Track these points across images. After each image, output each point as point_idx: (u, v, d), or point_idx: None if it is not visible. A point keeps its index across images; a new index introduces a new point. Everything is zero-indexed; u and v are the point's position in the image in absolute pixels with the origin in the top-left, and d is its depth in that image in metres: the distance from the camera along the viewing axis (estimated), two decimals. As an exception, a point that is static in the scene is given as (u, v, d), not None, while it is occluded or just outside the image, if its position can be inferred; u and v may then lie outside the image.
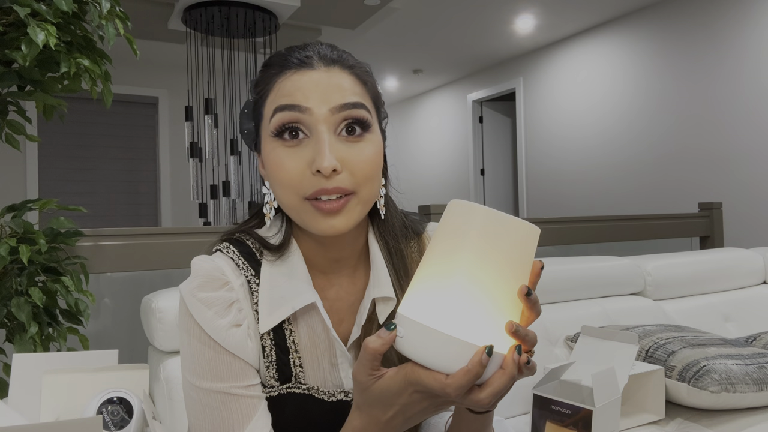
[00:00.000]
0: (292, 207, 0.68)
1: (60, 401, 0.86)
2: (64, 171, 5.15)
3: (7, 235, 1.37)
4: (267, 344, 0.72)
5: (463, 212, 0.56)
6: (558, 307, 1.77)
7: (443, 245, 0.56)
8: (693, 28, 4.08)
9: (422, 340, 0.54)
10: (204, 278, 0.70)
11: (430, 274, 0.56)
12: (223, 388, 0.68)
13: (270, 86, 0.70)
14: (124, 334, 1.81)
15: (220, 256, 0.74)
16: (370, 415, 0.61)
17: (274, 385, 0.72)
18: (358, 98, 0.68)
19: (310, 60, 0.69)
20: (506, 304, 0.55)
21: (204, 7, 3.60)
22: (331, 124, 0.67)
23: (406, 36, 4.94)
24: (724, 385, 1.32)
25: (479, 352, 0.53)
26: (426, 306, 0.55)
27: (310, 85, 0.67)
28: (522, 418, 1.48)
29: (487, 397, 0.55)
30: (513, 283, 0.55)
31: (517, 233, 0.55)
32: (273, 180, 0.69)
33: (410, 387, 0.56)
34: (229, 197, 3.88)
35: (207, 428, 0.69)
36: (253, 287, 0.72)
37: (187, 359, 0.70)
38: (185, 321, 0.70)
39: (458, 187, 6.41)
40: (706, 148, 4.01)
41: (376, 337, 0.57)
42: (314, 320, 0.73)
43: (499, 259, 0.54)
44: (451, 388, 0.53)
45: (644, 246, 3.03)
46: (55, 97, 1.43)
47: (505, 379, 0.55)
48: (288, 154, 0.67)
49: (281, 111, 0.67)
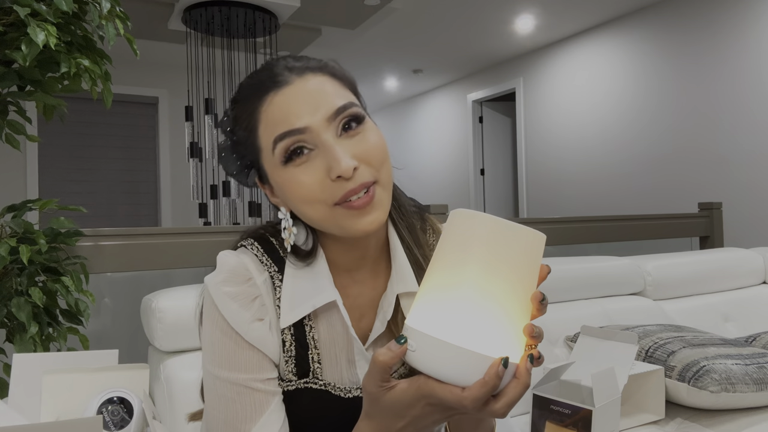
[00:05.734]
0: (324, 218, 0.69)
1: (60, 401, 0.86)
2: (64, 171, 5.15)
3: (7, 235, 1.37)
4: (287, 339, 0.73)
5: (467, 222, 0.56)
6: (558, 307, 1.77)
7: (450, 256, 0.56)
8: (693, 28, 4.08)
9: (435, 354, 0.54)
10: (229, 273, 0.72)
11: (437, 285, 0.56)
12: (240, 379, 0.70)
13: (256, 118, 0.70)
14: (124, 334, 1.81)
15: (244, 252, 0.75)
16: (380, 425, 0.61)
17: (292, 379, 0.74)
18: (343, 98, 0.69)
19: (282, 76, 0.69)
20: (516, 313, 0.55)
21: (204, 7, 3.60)
22: (332, 131, 0.68)
23: (406, 36, 4.94)
24: (724, 385, 1.32)
25: (495, 364, 0.53)
26: (436, 318, 0.55)
27: (295, 102, 0.67)
28: (522, 418, 1.48)
29: (503, 408, 0.55)
30: (521, 292, 0.55)
31: (523, 241, 0.55)
32: (294, 200, 0.69)
33: (423, 400, 0.57)
34: (229, 197, 3.89)
35: (220, 417, 0.71)
36: (276, 283, 0.74)
37: (208, 348, 0.72)
38: (210, 311, 0.72)
39: (458, 187, 6.41)
40: (706, 148, 4.01)
41: (386, 350, 0.57)
42: (334, 318, 0.75)
43: (507, 269, 0.54)
44: (468, 400, 0.54)
45: (644, 246, 3.03)
46: (55, 97, 1.43)
47: (520, 389, 0.56)
48: (301, 171, 0.67)
49: (282, 140, 0.67)
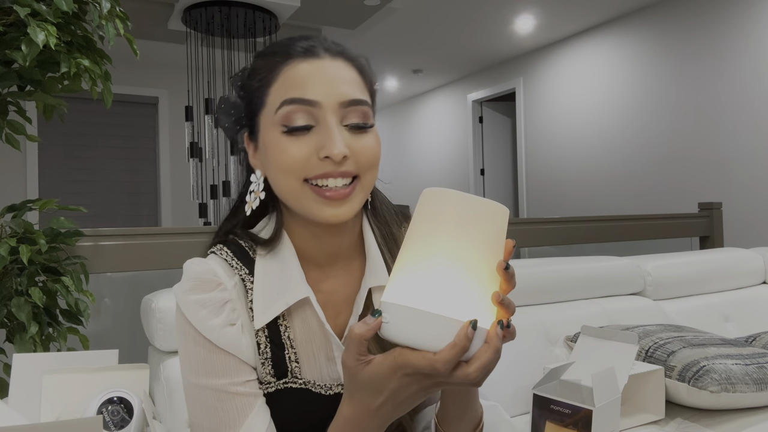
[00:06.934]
0: (291, 192, 0.69)
1: (60, 401, 0.86)
2: (64, 171, 5.14)
3: (7, 235, 1.37)
4: (262, 341, 0.73)
5: (437, 198, 0.58)
6: (558, 307, 1.77)
7: (421, 230, 0.58)
8: (693, 28, 4.08)
9: (408, 323, 0.56)
10: (195, 281, 0.72)
11: (410, 258, 0.58)
12: (219, 385, 0.70)
13: (274, 74, 0.70)
14: (124, 334, 1.81)
15: (214, 258, 0.75)
16: (360, 403, 0.61)
17: (271, 381, 0.73)
18: (362, 94, 0.70)
19: (316, 49, 0.70)
20: (486, 280, 0.57)
21: (204, 7, 3.60)
22: (339, 116, 0.68)
23: (406, 36, 4.94)
24: (724, 385, 1.32)
25: (464, 327, 0.54)
26: (409, 289, 0.56)
27: (317, 76, 0.68)
28: (522, 418, 1.48)
29: (475, 372, 0.56)
30: (491, 260, 0.57)
31: (490, 214, 0.57)
32: (272, 166, 0.69)
33: (399, 371, 0.57)
34: (229, 197, 3.89)
35: (205, 425, 0.70)
36: (247, 285, 0.73)
37: (184, 358, 0.72)
38: (180, 321, 0.72)
39: (458, 187, 6.34)
40: (706, 148, 4.01)
41: (362, 323, 0.58)
42: (308, 315, 0.74)
43: (476, 238, 0.57)
44: (440, 363, 0.54)
45: (644, 246, 3.03)
46: (55, 97, 1.43)
47: (490, 353, 0.56)
48: (293, 142, 0.68)
49: (290, 104, 0.67)
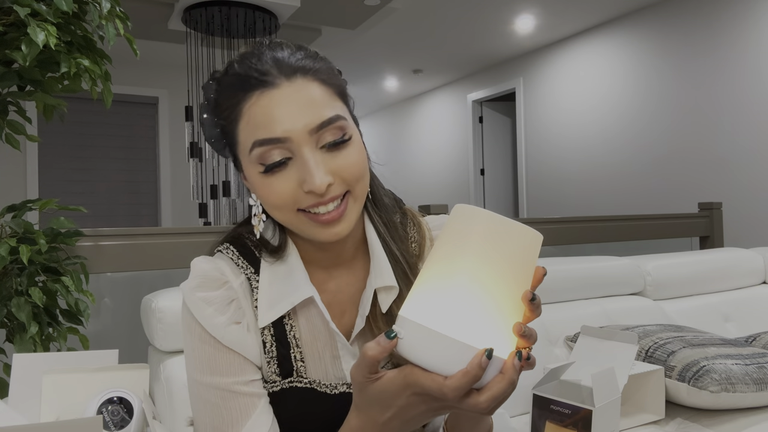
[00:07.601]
0: (287, 222, 0.70)
1: (60, 401, 0.86)
2: (64, 171, 5.14)
3: (7, 235, 1.37)
4: (267, 340, 0.73)
5: (466, 216, 0.56)
6: (558, 307, 1.77)
7: (446, 248, 0.56)
8: (693, 28, 4.08)
9: (421, 342, 0.54)
10: (202, 278, 0.72)
11: (432, 275, 0.56)
12: (223, 384, 0.70)
13: (237, 112, 0.67)
14: (124, 334, 1.81)
15: (220, 257, 0.75)
16: (367, 416, 0.61)
17: (276, 380, 0.73)
18: (331, 110, 0.67)
19: (271, 77, 0.66)
20: (508, 307, 0.54)
21: (204, 7, 3.59)
22: (312, 143, 0.66)
23: (406, 36, 4.94)
24: (724, 385, 1.32)
25: (479, 355, 0.52)
26: (427, 307, 0.54)
27: (279, 109, 0.65)
28: (522, 418, 1.48)
29: (486, 402, 0.54)
30: (515, 287, 0.55)
31: (519, 238, 0.55)
32: (263, 201, 0.70)
33: (408, 389, 0.56)
34: (229, 197, 3.88)
35: (208, 423, 0.70)
36: (253, 284, 0.73)
37: (189, 355, 0.72)
38: (186, 318, 0.72)
39: (458, 187, 6.41)
40: (706, 148, 4.01)
41: (375, 344, 0.57)
42: (313, 314, 0.74)
43: (502, 263, 0.54)
44: (449, 389, 0.53)
45: (644, 246, 3.03)
46: (55, 97, 1.43)
47: (504, 384, 0.54)
48: (275, 179, 0.66)
49: (261, 145, 0.65)
